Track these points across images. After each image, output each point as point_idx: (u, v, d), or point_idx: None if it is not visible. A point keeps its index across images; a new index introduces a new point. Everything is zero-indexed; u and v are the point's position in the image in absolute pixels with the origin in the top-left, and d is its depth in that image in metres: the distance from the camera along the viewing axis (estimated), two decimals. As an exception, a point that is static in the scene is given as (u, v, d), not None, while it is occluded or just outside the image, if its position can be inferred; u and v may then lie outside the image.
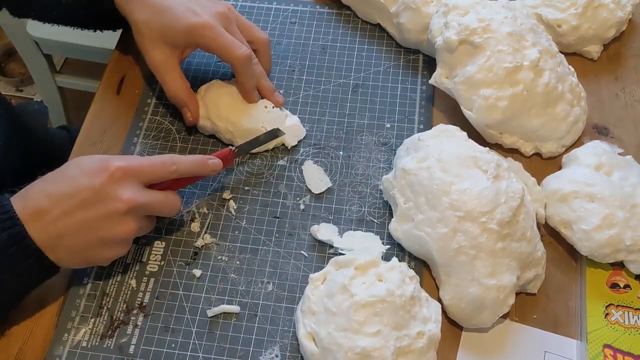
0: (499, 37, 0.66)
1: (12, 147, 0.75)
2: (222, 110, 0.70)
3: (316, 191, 0.68)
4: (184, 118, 0.71)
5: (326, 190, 0.69)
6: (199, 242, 0.65)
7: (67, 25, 0.76)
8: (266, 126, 0.70)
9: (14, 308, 0.60)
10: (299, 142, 0.72)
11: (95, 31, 0.76)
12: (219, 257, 0.65)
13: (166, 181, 0.60)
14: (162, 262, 0.64)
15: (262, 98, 0.72)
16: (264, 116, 0.70)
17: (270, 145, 0.71)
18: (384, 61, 0.79)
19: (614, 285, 0.62)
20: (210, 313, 0.61)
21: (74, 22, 0.75)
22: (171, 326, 0.61)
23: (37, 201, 0.54)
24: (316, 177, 0.69)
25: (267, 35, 0.73)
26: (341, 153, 0.71)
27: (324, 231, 0.65)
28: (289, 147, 0.71)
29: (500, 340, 0.60)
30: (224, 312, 0.61)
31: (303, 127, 0.72)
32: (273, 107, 0.71)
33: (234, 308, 0.61)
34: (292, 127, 0.71)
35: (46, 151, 0.84)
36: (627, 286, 0.62)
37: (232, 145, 0.69)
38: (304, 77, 0.77)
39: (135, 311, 0.61)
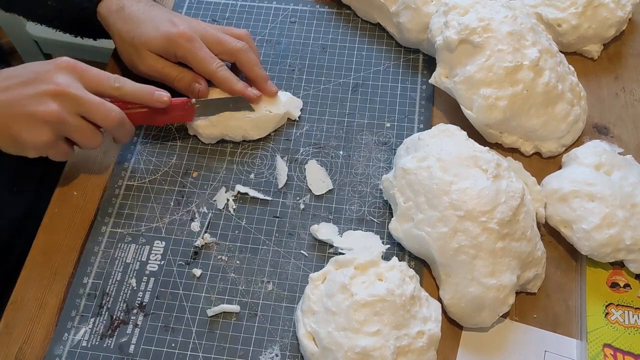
0: (499, 37, 0.66)
1: None
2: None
3: (317, 192, 0.68)
4: (195, 93, 0.70)
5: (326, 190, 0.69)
6: (199, 242, 0.65)
7: (50, 26, 0.77)
8: (269, 108, 0.71)
9: None
10: (299, 141, 0.72)
11: (76, 37, 0.79)
12: (219, 257, 0.65)
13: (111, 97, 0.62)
14: (162, 262, 0.64)
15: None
16: (264, 100, 0.71)
17: (280, 123, 0.72)
18: (384, 61, 0.79)
19: (614, 285, 0.62)
20: (210, 312, 0.61)
21: (57, 25, 0.77)
22: (171, 326, 0.61)
23: None
24: (318, 178, 0.69)
25: (245, 29, 0.73)
26: (341, 152, 0.71)
27: (324, 231, 0.65)
28: (295, 119, 0.73)
29: (500, 339, 0.60)
30: (224, 312, 0.61)
31: (302, 123, 0.73)
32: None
33: (234, 307, 0.61)
34: (290, 102, 0.73)
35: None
36: (627, 285, 0.62)
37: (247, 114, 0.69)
38: (304, 77, 0.77)
39: (135, 311, 0.61)
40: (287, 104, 0.72)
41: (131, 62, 0.71)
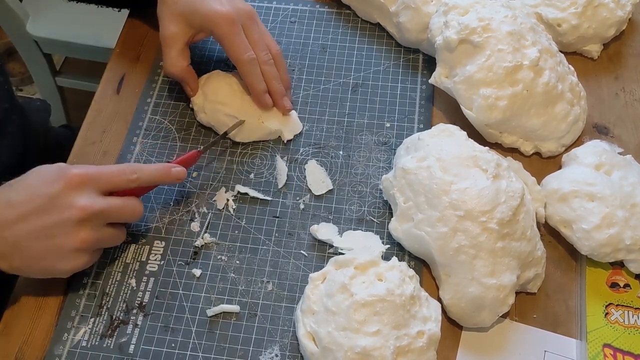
0: (499, 37, 0.66)
1: (13, 142, 0.75)
2: (221, 99, 0.70)
3: (317, 192, 0.68)
4: (185, 92, 0.72)
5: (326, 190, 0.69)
6: (199, 242, 0.65)
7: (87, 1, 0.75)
8: (263, 119, 0.70)
9: None
10: (299, 141, 0.72)
11: (119, 10, 0.77)
12: (219, 257, 0.65)
13: (128, 189, 0.59)
14: (162, 262, 0.64)
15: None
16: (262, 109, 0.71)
17: (267, 137, 0.72)
18: (384, 60, 0.79)
19: (614, 285, 0.62)
20: (210, 312, 0.61)
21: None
22: (171, 326, 0.61)
23: None
24: (318, 178, 0.69)
25: (279, 47, 0.72)
26: (341, 152, 0.71)
27: (324, 231, 0.65)
28: (284, 141, 0.72)
29: (500, 339, 0.60)
30: (224, 312, 0.61)
31: (302, 123, 0.73)
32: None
33: (234, 307, 0.61)
34: (290, 122, 0.72)
35: (48, 149, 0.84)
36: (627, 285, 0.62)
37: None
38: (304, 77, 0.77)
39: (135, 311, 0.61)
40: (285, 123, 0.71)
41: (159, 20, 0.69)
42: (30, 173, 0.57)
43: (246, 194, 0.68)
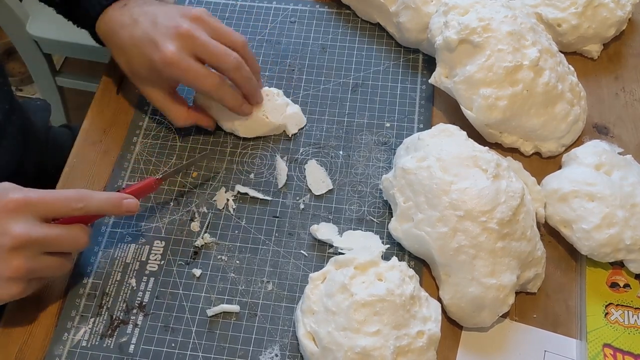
0: (499, 37, 0.66)
1: (13, 143, 0.75)
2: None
3: (317, 192, 0.68)
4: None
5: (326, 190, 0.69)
6: (199, 242, 0.65)
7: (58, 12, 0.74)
8: (267, 114, 0.70)
9: None
10: (299, 140, 0.72)
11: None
12: (219, 257, 0.65)
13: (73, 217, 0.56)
14: (162, 262, 0.64)
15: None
16: (266, 104, 0.71)
17: (272, 132, 0.72)
18: (384, 60, 0.79)
19: (614, 285, 0.62)
20: (210, 312, 0.61)
21: (62, 12, 0.73)
22: (171, 325, 0.61)
23: None
24: (318, 178, 0.69)
25: (243, 37, 0.67)
26: (341, 152, 0.71)
27: (324, 230, 0.65)
28: (290, 135, 0.72)
29: (500, 339, 0.60)
30: (224, 312, 0.61)
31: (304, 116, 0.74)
32: (277, 94, 0.72)
33: (234, 307, 0.61)
34: (293, 116, 0.72)
35: (48, 149, 0.84)
36: (626, 285, 0.62)
37: (185, 164, 0.68)
38: (304, 77, 0.77)
39: (135, 310, 0.61)
40: (288, 117, 0.72)
41: (140, 90, 0.69)
42: None
43: (246, 194, 0.68)
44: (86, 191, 0.56)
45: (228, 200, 0.68)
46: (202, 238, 0.65)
